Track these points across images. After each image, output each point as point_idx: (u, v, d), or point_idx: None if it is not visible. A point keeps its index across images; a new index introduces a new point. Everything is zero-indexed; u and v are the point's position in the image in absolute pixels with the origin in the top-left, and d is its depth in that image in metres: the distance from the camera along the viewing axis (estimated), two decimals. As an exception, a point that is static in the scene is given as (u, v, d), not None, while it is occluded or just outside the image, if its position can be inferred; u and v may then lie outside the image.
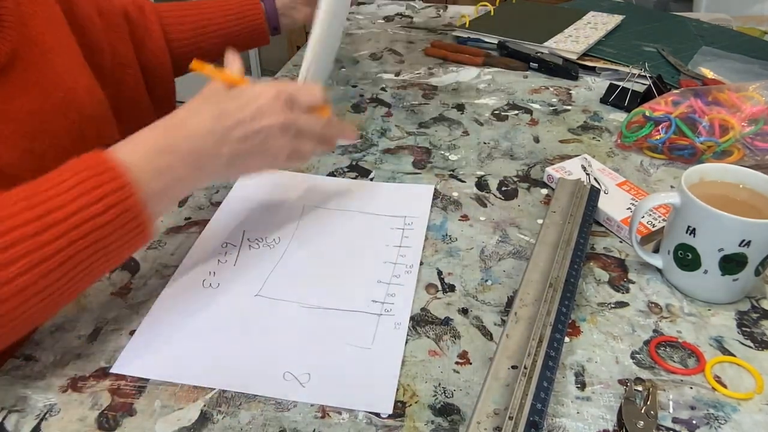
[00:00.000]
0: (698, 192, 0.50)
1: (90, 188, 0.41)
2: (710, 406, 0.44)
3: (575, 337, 0.50)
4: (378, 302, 0.53)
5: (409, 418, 0.43)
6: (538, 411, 0.40)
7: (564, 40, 1.05)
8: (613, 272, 0.57)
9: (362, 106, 0.88)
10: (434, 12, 1.30)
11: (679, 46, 1.04)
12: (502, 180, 0.71)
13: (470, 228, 0.63)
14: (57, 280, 0.41)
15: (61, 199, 0.40)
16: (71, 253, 0.41)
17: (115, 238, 0.43)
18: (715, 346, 0.49)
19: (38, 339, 0.50)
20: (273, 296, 0.54)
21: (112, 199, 0.41)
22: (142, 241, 0.45)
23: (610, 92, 0.88)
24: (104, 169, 0.42)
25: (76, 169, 0.42)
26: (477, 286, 0.55)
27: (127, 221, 0.43)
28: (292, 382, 0.46)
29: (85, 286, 0.44)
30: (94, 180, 0.41)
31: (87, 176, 0.41)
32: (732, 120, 0.72)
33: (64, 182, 0.41)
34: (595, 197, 0.63)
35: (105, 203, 0.41)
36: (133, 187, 0.43)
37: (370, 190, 0.69)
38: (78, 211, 0.40)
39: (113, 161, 0.43)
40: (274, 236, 0.61)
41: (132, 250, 0.45)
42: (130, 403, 0.44)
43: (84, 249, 0.41)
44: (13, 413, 0.43)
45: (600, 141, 0.79)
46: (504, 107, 0.88)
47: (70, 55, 0.63)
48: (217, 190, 0.69)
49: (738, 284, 0.51)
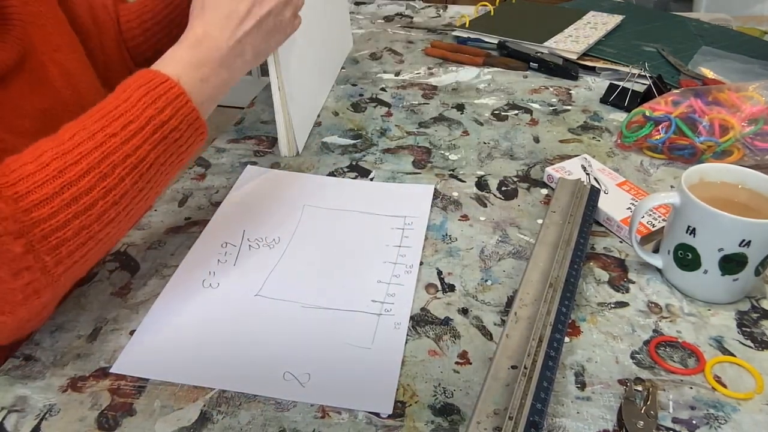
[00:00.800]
0: (698, 192, 0.50)
1: (153, 99, 0.46)
2: (710, 406, 0.44)
3: (575, 337, 0.50)
4: (378, 302, 0.53)
5: (409, 418, 0.43)
6: (538, 411, 0.40)
7: (564, 40, 1.05)
8: (613, 272, 0.57)
9: (362, 106, 0.88)
10: (434, 12, 1.30)
11: (679, 46, 1.04)
12: (502, 180, 0.71)
13: (470, 228, 0.63)
14: (147, 183, 0.47)
15: (132, 114, 0.45)
16: (154, 157, 0.46)
17: (184, 140, 0.48)
18: (715, 346, 0.49)
19: (38, 339, 0.50)
20: (273, 296, 0.54)
21: (175, 106, 0.47)
22: (202, 140, 0.52)
23: (610, 92, 0.88)
24: (159, 83, 0.47)
25: (134, 86, 0.46)
26: (477, 286, 0.55)
27: (190, 123, 0.48)
28: (292, 382, 0.46)
29: (163, 187, 0.50)
30: (153, 92, 0.46)
31: (147, 90, 0.46)
32: (732, 120, 0.72)
33: (128, 99, 0.46)
34: (595, 197, 0.63)
35: (170, 110, 0.47)
36: (187, 95, 0.48)
37: (370, 190, 0.69)
38: (150, 120, 0.45)
39: (164, 75, 0.47)
40: (274, 236, 0.61)
41: (195, 148, 0.51)
42: (130, 403, 0.44)
43: (163, 152, 0.47)
44: (13, 413, 0.43)
45: (600, 141, 0.79)
46: (504, 107, 0.88)
47: (75, 54, 0.64)
48: (217, 190, 0.69)
49: (738, 284, 0.51)
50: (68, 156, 0.42)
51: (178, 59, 0.50)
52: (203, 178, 0.72)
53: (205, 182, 0.71)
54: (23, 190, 0.40)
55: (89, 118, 0.45)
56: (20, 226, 0.39)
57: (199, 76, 0.50)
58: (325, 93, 0.91)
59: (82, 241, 0.43)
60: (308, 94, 0.81)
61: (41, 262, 0.41)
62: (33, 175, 0.41)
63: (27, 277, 0.40)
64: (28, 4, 0.58)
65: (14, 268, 0.39)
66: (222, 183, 0.70)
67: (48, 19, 0.60)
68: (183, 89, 0.48)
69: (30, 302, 0.41)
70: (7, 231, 0.39)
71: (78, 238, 0.42)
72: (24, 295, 0.41)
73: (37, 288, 0.41)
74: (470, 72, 1.00)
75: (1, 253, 0.39)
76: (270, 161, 0.75)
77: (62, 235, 0.41)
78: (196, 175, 0.72)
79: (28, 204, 0.40)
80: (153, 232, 0.62)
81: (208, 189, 0.69)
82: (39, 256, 0.40)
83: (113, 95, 0.47)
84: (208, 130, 0.51)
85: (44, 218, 0.40)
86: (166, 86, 0.47)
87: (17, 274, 0.40)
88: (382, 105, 0.89)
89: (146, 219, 0.64)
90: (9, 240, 0.39)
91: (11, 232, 0.39)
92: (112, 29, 0.73)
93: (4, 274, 0.39)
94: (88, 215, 0.43)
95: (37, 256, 0.40)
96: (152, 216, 0.65)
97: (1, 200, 0.39)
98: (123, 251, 0.60)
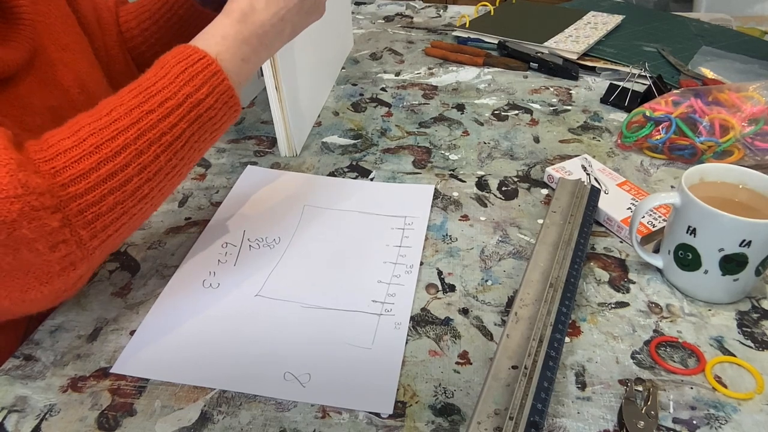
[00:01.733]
0: (698, 192, 0.50)
1: (191, 77, 0.46)
2: (710, 406, 0.44)
3: (575, 337, 0.50)
4: (378, 302, 0.53)
5: (410, 418, 0.43)
6: (538, 411, 0.40)
7: (564, 40, 1.05)
8: (614, 272, 0.57)
9: (362, 106, 0.88)
10: (434, 12, 1.30)
11: (679, 46, 1.04)
12: (502, 180, 0.71)
13: (470, 228, 0.63)
14: (181, 159, 0.47)
15: (170, 90, 0.45)
16: (189, 135, 0.47)
17: (218, 117, 0.49)
18: (716, 346, 0.49)
19: (38, 339, 0.50)
20: (273, 296, 0.54)
21: (212, 84, 0.47)
22: (235, 117, 0.51)
23: (610, 92, 0.88)
24: (197, 59, 0.47)
25: (173, 62, 0.46)
26: (477, 286, 0.55)
27: (225, 101, 0.48)
28: (293, 382, 0.46)
29: (195, 163, 0.50)
30: (192, 69, 0.46)
31: (185, 66, 0.46)
32: (732, 120, 0.72)
33: (166, 75, 0.46)
34: (596, 197, 0.63)
35: (207, 88, 0.47)
36: (224, 72, 0.48)
37: (370, 190, 0.69)
38: (187, 98, 0.46)
39: (202, 51, 0.47)
40: (274, 236, 0.61)
41: (228, 125, 0.51)
42: (130, 403, 0.44)
43: (198, 130, 0.47)
44: (13, 413, 0.43)
45: (600, 141, 0.79)
46: (504, 107, 0.88)
47: (83, 53, 0.64)
48: (218, 190, 0.69)
49: (738, 284, 0.51)
50: (105, 132, 0.43)
51: (223, 35, 0.50)
52: (203, 178, 0.71)
53: (205, 182, 0.71)
54: (60, 165, 0.41)
55: (128, 93, 0.45)
56: (57, 201, 0.40)
57: (240, 55, 0.50)
58: (326, 93, 0.91)
59: (117, 215, 0.44)
60: (307, 94, 0.81)
61: (77, 235, 0.41)
62: (70, 150, 0.41)
63: (63, 250, 0.41)
64: (37, 4, 0.58)
65: (51, 241, 0.40)
66: (222, 183, 0.70)
67: (56, 18, 0.61)
68: (220, 67, 0.47)
69: (66, 274, 0.42)
70: (44, 205, 0.39)
71: (112, 213, 0.43)
72: (60, 267, 0.42)
73: (73, 260, 0.42)
74: (470, 72, 1.00)
75: (39, 227, 0.39)
76: (270, 161, 0.75)
77: (97, 210, 0.42)
78: (196, 175, 0.72)
79: (65, 179, 0.41)
80: (153, 232, 0.62)
81: (208, 189, 0.69)
82: (75, 230, 0.41)
83: (151, 70, 0.47)
84: (241, 108, 0.51)
85: (81, 193, 0.41)
86: (204, 63, 0.47)
87: (54, 247, 0.40)
88: (383, 105, 0.89)
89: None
90: (46, 214, 0.39)
91: (48, 207, 0.39)
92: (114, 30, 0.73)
93: (42, 247, 0.40)
94: (123, 191, 0.43)
95: (73, 230, 0.41)
96: (152, 216, 0.65)
97: (38, 175, 0.39)
98: (123, 251, 0.60)
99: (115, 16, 0.74)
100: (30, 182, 0.38)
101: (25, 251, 0.39)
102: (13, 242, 0.38)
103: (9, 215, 0.37)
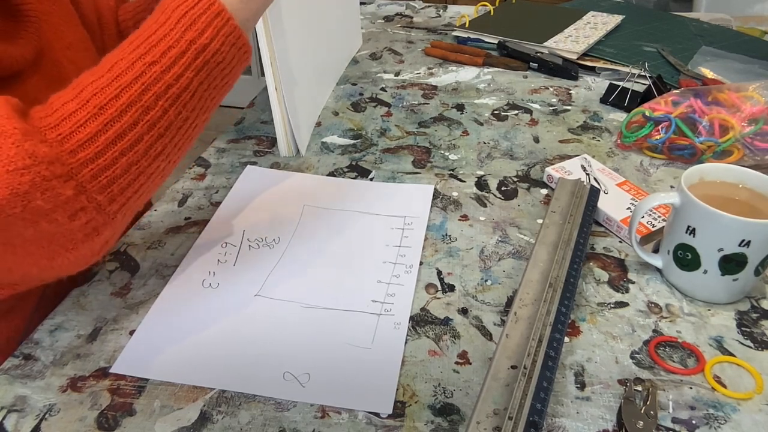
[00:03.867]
0: (698, 192, 0.50)
1: (193, 20, 0.43)
2: (710, 406, 0.44)
3: (575, 337, 0.50)
4: (378, 302, 0.53)
5: (409, 418, 0.43)
6: (537, 411, 0.40)
7: (564, 40, 1.05)
8: (613, 272, 0.57)
9: (362, 106, 0.88)
10: (434, 12, 1.30)
11: (678, 46, 1.04)
12: (502, 180, 0.71)
13: (470, 228, 0.63)
14: (192, 111, 0.44)
15: (171, 38, 0.42)
16: (197, 83, 0.44)
17: (227, 62, 0.45)
18: (715, 346, 0.49)
19: (38, 339, 0.50)
20: (273, 296, 0.54)
21: (215, 26, 0.44)
22: (246, 60, 0.48)
23: (610, 92, 0.88)
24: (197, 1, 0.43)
25: (172, 6, 0.43)
26: (477, 286, 0.55)
27: (233, 43, 0.45)
28: (292, 382, 0.46)
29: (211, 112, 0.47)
30: (192, 12, 0.43)
31: (185, 10, 0.43)
32: (732, 120, 0.72)
33: (167, 21, 0.43)
34: (595, 197, 0.63)
35: (211, 31, 0.43)
36: (228, 12, 0.44)
37: (370, 190, 0.69)
38: (191, 44, 0.43)
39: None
40: (274, 236, 0.61)
41: (240, 69, 0.48)
42: (130, 403, 0.44)
43: (206, 77, 0.44)
44: (12, 413, 0.43)
45: (600, 141, 0.79)
46: (504, 107, 0.88)
47: (87, 52, 0.64)
48: (217, 190, 0.69)
49: (738, 284, 0.51)
50: (108, 90, 0.41)
51: None
52: (203, 178, 0.72)
53: (205, 182, 0.71)
54: (66, 130, 0.39)
55: (129, 45, 0.43)
56: (68, 169, 0.39)
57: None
58: (327, 93, 0.91)
59: (133, 177, 0.42)
60: (308, 94, 0.81)
61: (95, 201, 0.41)
62: (75, 114, 0.40)
63: (83, 218, 0.40)
64: (42, 2, 0.58)
65: (69, 210, 0.39)
66: (222, 183, 0.70)
67: (60, 16, 0.61)
68: (223, 6, 0.44)
69: (90, 240, 0.42)
70: (55, 174, 0.38)
71: (128, 175, 0.42)
72: (84, 234, 0.41)
73: (96, 226, 0.41)
74: (470, 72, 1.00)
75: (53, 197, 0.38)
76: (270, 161, 0.75)
77: (111, 173, 0.41)
78: (196, 175, 0.72)
79: (73, 145, 0.39)
80: (153, 232, 0.62)
81: (208, 189, 0.69)
82: (91, 196, 0.40)
83: (152, 18, 0.44)
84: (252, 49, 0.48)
85: (91, 158, 0.40)
86: (205, 4, 0.44)
87: (73, 216, 0.40)
88: (382, 105, 0.89)
89: (146, 219, 0.64)
90: (59, 183, 0.38)
91: (60, 176, 0.38)
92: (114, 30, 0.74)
93: (61, 217, 0.39)
94: (135, 151, 0.42)
95: (89, 197, 0.40)
96: (152, 216, 0.65)
97: (45, 144, 0.38)
98: (123, 251, 0.60)
99: (116, 15, 0.74)
100: (37, 152, 0.37)
101: (44, 222, 0.39)
102: (30, 215, 0.38)
103: (21, 187, 0.37)
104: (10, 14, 0.54)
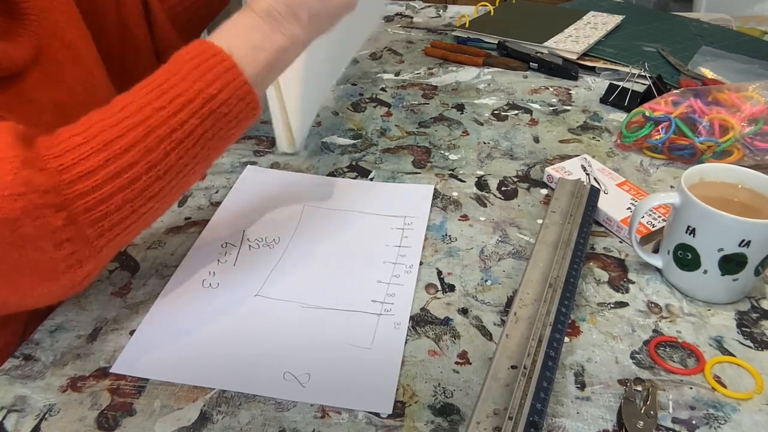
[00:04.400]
0: (698, 192, 0.50)
1: (203, 72, 0.45)
2: (710, 406, 0.44)
3: (575, 337, 0.50)
4: (378, 302, 0.53)
5: (409, 418, 0.43)
6: (537, 411, 0.40)
7: (564, 40, 1.05)
8: (613, 272, 0.57)
9: (362, 106, 0.88)
10: (434, 12, 1.30)
11: (678, 46, 1.04)
12: (502, 180, 0.71)
13: (470, 228, 0.63)
14: (193, 158, 0.45)
15: (181, 87, 0.44)
16: (201, 132, 0.45)
17: (234, 114, 0.47)
18: (715, 346, 0.49)
19: (38, 339, 0.50)
20: (273, 296, 0.54)
21: (225, 79, 0.45)
22: (254, 115, 0.49)
23: (610, 92, 0.88)
24: (210, 55, 0.45)
25: (186, 57, 0.45)
26: (477, 286, 0.55)
27: (241, 97, 0.46)
28: (292, 382, 0.46)
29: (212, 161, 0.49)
30: (204, 65, 0.45)
31: (198, 63, 0.45)
32: (732, 120, 0.72)
33: (179, 71, 0.45)
34: (595, 197, 0.63)
35: (220, 83, 0.45)
36: (239, 68, 0.46)
37: (370, 190, 0.69)
38: (199, 94, 0.44)
39: (216, 47, 0.46)
40: (274, 236, 0.61)
41: (247, 123, 0.49)
42: (130, 403, 0.44)
43: (211, 127, 0.45)
44: (12, 413, 0.43)
45: (600, 141, 0.79)
46: (504, 107, 0.88)
47: (88, 49, 0.64)
48: (217, 190, 0.69)
49: (738, 284, 0.51)
50: (115, 129, 0.42)
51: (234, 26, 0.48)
52: (203, 178, 0.72)
53: (205, 182, 0.71)
54: (68, 161, 0.40)
55: (141, 90, 0.44)
56: (62, 199, 0.39)
57: (251, 43, 0.48)
58: (328, 92, 0.91)
59: (125, 214, 0.43)
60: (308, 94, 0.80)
61: (83, 234, 0.41)
62: (79, 147, 0.41)
63: (69, 249, 0.41)
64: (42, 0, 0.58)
65: (56, 239, 0.40)
66: (222, 183, 0.70)
67: (61, 14, 0.61)
68: (234, 62, 0.46)
69: (73, 272, 0.42)
70: (48, 203, 0.39)
71: (120, 212, 0.43)
72: (66, 265, 0.41)
73: (80, 258, 0.42)
74: (470, 72, 1.00)
75: (42, 225, 0.39)
76: (270, 161, 0.75)
77: (105, 208, 0.41)
78: (196, 175, 0.72)
79: (73, 176, 0.40)
80: (153, 232, 0.62)
81: (208, 189, 0.69)
82: (81, 228, 0.41)
83: (166, 66, 0.46)
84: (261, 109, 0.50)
85: (87, 191, 0.40)
86: (218, 59, 0.45)
87: (59, 245, 0.40)
88: (382, 105, 0.89)
89: (146, 219, 0.64)
90: (50, 213, 0.39)
91: (52, 205, 0.39)
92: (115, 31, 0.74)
93: (46, 245, 0.39)
94: (132, 189, 0.42)
95: (78, 229, 0.41)
96: (152, 216, 0.65)
97: (44, 173, 0.39)
98: (123, 251, 0.60)
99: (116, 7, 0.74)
100: (34, 180, 0.38)
101: (29, 249, 0.39)
102: (17, 240, 0.38)
103: (12, 213, 0.37)
104: (8, 12, 0.54)
